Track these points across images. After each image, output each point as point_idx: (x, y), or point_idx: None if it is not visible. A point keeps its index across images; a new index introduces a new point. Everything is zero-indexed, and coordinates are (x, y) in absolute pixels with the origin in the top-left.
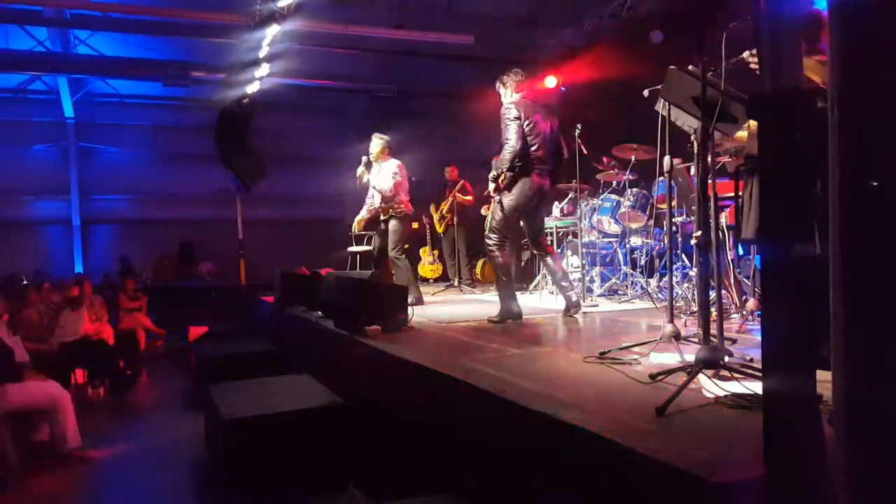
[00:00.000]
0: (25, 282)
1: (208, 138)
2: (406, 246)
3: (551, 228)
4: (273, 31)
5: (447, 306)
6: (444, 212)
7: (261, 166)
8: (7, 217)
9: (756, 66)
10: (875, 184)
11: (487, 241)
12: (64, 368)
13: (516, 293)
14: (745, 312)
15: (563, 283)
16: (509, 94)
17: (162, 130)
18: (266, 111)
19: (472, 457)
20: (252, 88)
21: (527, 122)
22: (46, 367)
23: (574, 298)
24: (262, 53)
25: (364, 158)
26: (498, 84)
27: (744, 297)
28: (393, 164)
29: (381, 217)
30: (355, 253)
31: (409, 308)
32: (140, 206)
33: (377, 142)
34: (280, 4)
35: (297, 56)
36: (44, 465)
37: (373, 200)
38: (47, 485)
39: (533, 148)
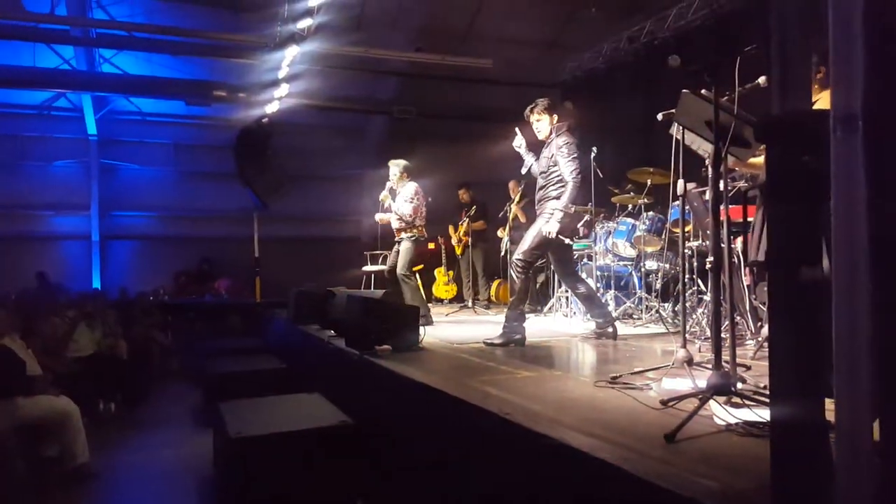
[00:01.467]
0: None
1: (228, 157)
2: (421, 266)
3: None
4: (293, 52)
5: (460, 327)
6: (461, 234)
7: (279, 185)
8: (27, 231)
9: None
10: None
11: (516, 262)
12: (77, 383)
13: (527, 316)
14: (760, 339)
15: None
16: (549, 126)
17: (183, 148)
18: (285, 130)
19: (479, 479)
20: (272, 108)
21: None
22: (59, 380)
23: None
24: (281, 74)
25: (389, 184)
26: (540, 113)
27: (759, 324)
28: (410, 189)
29: (396, 238)
30: (370, 272)
31: (421, 328)
32: (159, 223)
33: (394, 168)
34: (300, 26)
35: (316, 76)
36: (52, 480)
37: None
38: (54, 500)
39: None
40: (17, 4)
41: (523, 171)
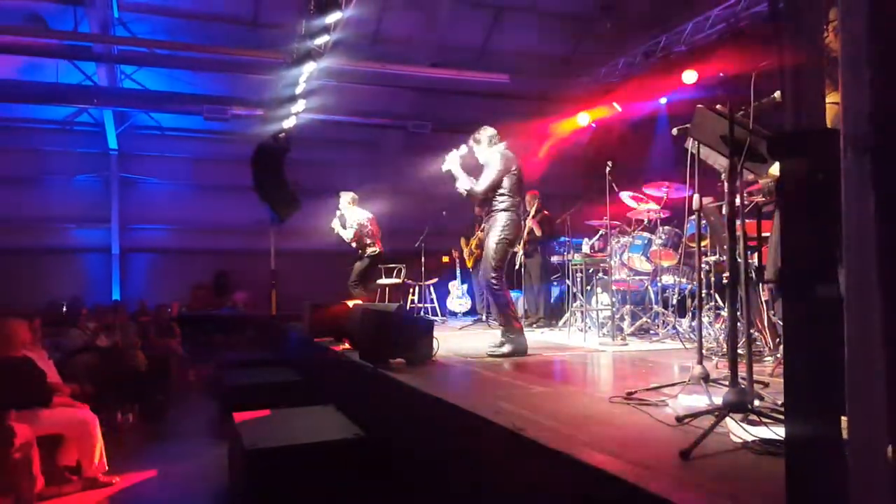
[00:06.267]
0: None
1: (245, 171)
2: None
3: (580, 265)
4: (310, 68)
5: (474, 341)
6: (472, 247)
7: (294, 199)
8: (49, 244)
9: None
10: None
11: (491, 282)
12: (96, 394)
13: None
14: (778, 356)
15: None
16: (483, 149)
17: (201, 163)
18: (301, 145)
19: (493, 494)
20: (289, 123)
21: (515, 172)
22: (78, 392)
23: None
24: (298, 90)
25: (339, 212)
26: (474, 142)
27: (777, 340)
28: (357, 215)
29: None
30: (384, 285)
31: (434, 341)
32: (177, 236)
33: (345, 198)
34: (317, 43)
35: (332, 92)
36: (70, 489)
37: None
38: None
39: (514, 195)
40: (41, 22)
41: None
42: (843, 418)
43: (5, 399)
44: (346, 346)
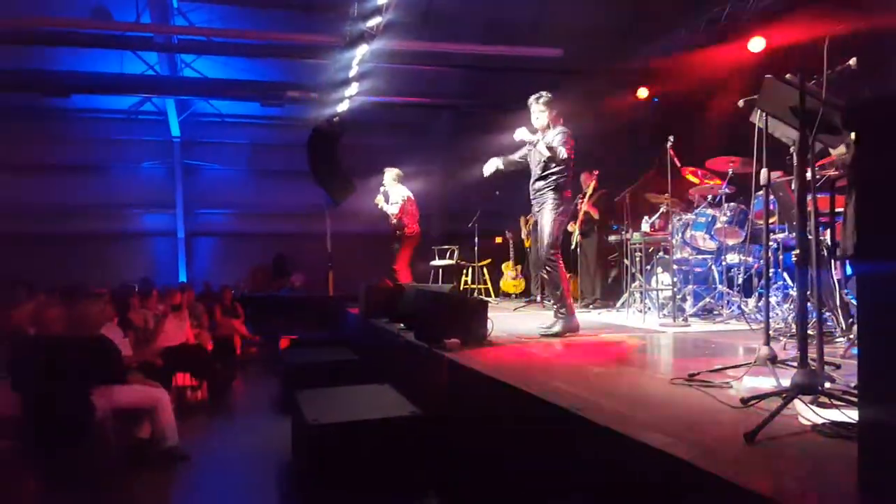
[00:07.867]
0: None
1: (301, 155)
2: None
3: (639, 244)
4: (362, 50)
5: (528, 321)
6: (530, 227)
7: (349, 182)
8: (119, 229)
9: None
10: None
11: (549, 258)
12: (166, 371)
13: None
14: (851, 337)
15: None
16: (548, 118)
17: (259, 148)
18: (355, 129)
19: (550, 474)
20: (342, 107)
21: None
22: (150, 369)
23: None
24: (351, 73)
25: (382, 188)
26: (544, 105)
27: (850, 321)
28: (398, 193)
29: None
30: (438, 267)
31: (489, 322)
32: (238, 220)
33: (389, 175)
34: (369, 25)
35: (384, 74)
36: (143, 461)
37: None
38: (146, 479)
39: (566, 172)
40: (107, 15)
41: (518, 156)
42: None
43: (86, 376)
44: (402, 326)
